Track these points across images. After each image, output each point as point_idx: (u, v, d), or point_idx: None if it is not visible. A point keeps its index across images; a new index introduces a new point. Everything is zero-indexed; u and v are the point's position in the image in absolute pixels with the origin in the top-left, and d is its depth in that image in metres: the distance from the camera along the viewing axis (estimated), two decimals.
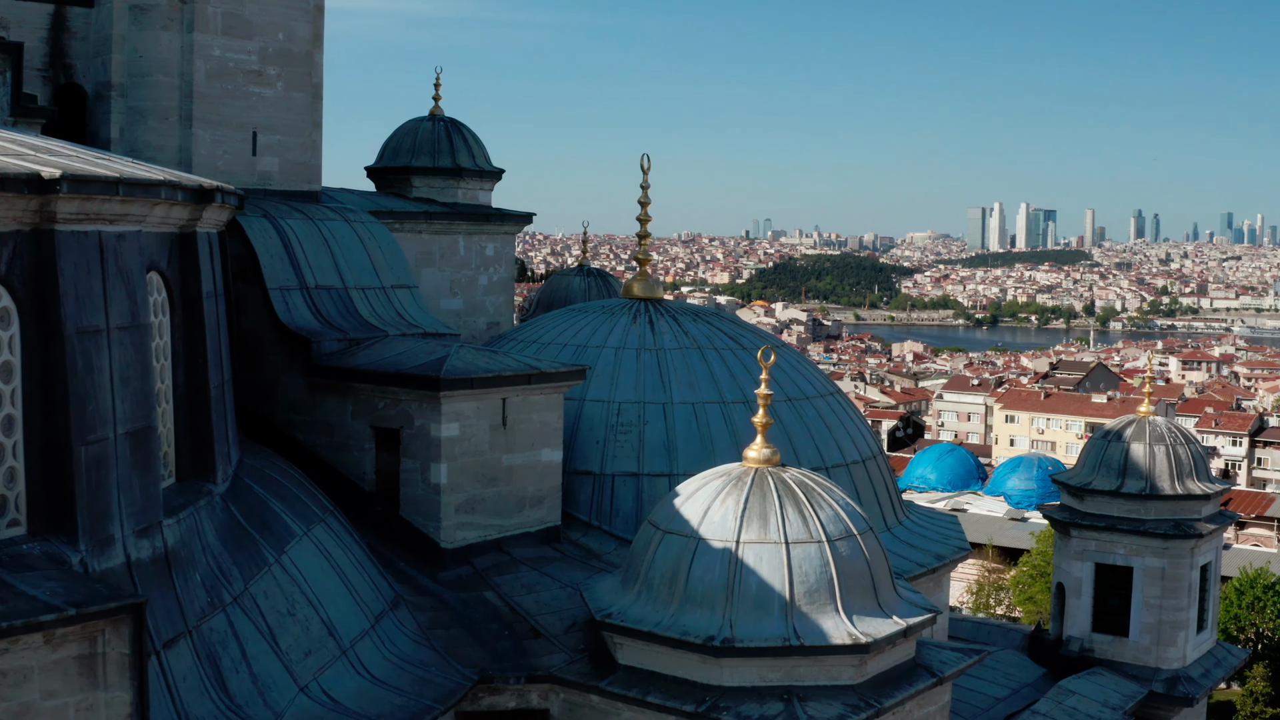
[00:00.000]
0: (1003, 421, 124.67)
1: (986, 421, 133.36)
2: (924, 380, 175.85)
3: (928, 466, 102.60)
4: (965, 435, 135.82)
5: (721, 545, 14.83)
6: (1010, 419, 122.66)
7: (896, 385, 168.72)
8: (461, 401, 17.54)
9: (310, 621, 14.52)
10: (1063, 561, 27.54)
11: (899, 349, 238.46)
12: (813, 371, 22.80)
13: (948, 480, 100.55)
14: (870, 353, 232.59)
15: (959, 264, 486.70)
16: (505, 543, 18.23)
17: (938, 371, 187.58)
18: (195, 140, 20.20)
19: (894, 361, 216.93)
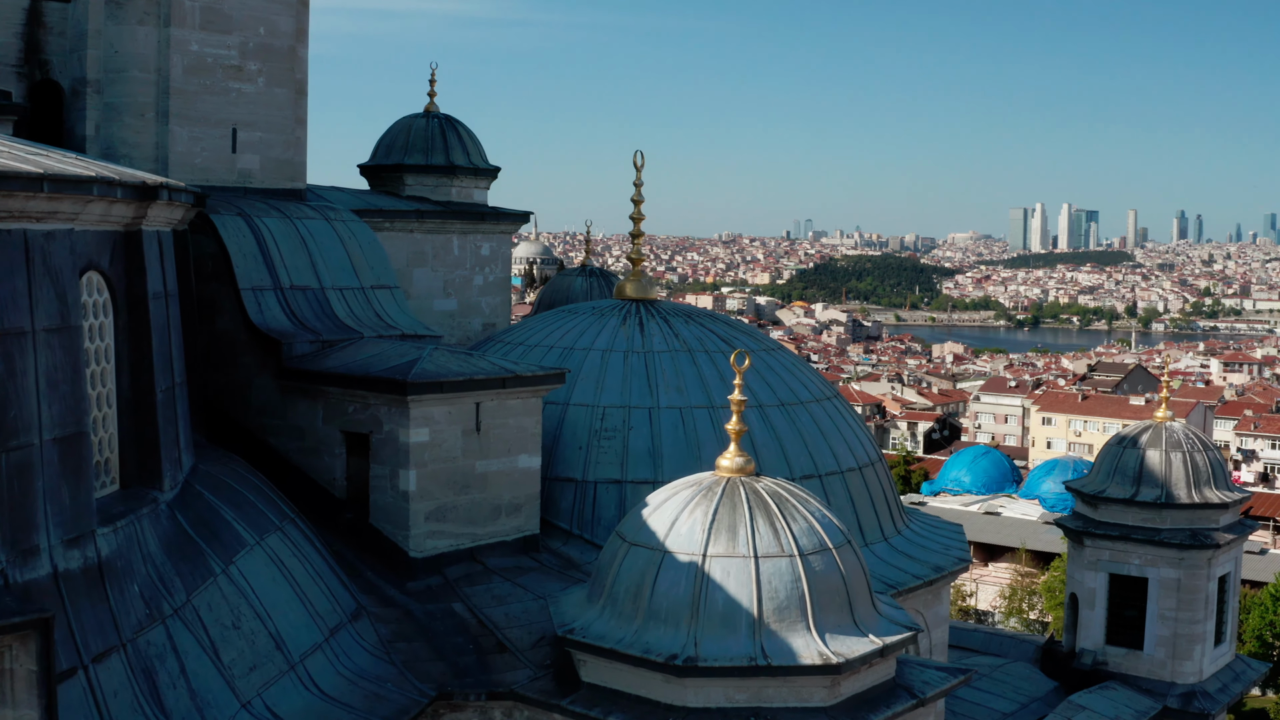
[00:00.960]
0: (1040, 424, 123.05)
1: (1024, 424, 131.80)
2: (962, 382, 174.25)
3: (962, 469, 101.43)
4: (1002, 437, 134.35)
5: (688, 559, 14.07)
6: (1047, 421, 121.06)
7: (934, 387, 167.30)
8: (431, 406, 16.87)
9: (257, 635, 13.87)
10: (1076, 571, 26.59)
11: (939, 350, 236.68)
12: (810, 375, 21.99)
13: (982, 483, 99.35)
14: (910, 354, 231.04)
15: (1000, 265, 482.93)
16: (479, 552, 17.54)
17: (976, 373, 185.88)
18: (172, 137, 19.61)
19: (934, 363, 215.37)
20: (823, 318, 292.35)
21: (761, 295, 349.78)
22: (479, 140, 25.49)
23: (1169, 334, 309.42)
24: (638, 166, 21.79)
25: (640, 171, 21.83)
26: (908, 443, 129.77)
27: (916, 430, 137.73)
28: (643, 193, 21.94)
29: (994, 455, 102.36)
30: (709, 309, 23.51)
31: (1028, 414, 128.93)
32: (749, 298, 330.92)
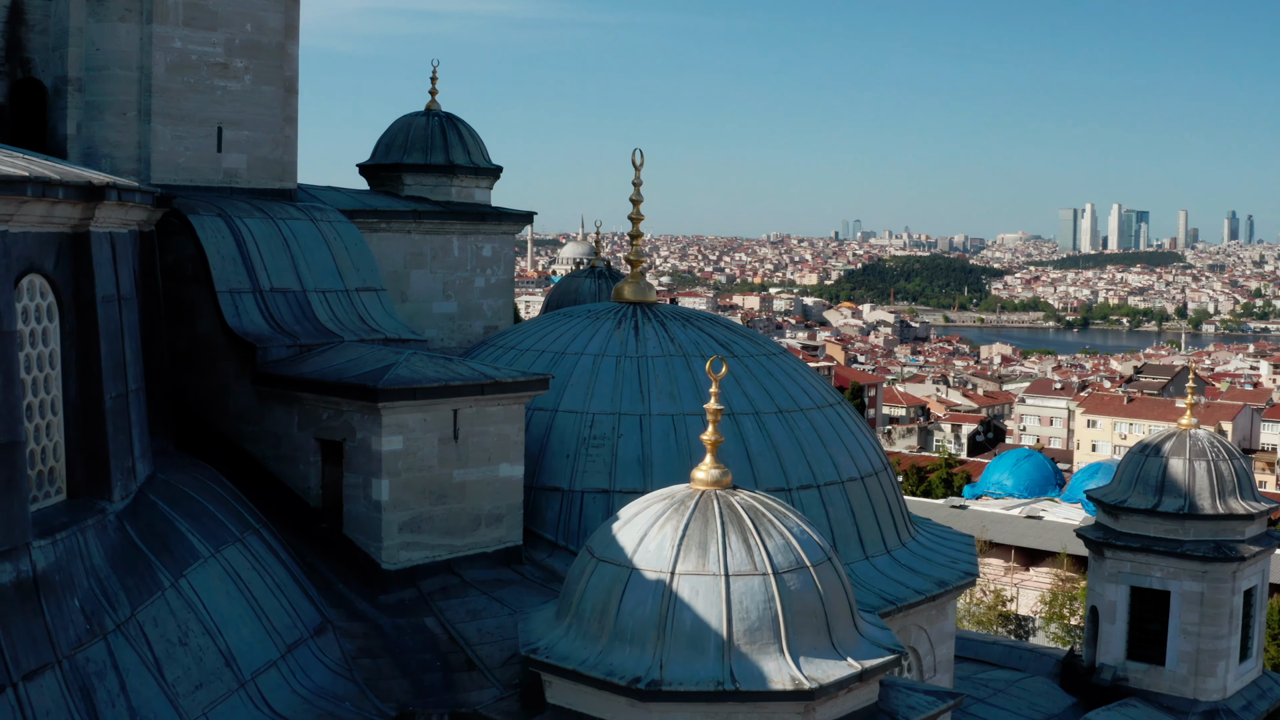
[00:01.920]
0: (1085, 426, 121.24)
1: (1069, 426, 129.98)
2: (1008, 383, 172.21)
3: (1004, 472, 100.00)
4: (1047, 440, 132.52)
5: (655, 576, 13.31)
6: (1092, 424, 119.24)
7: (980, 388, 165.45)
8: (405, 413, 16.20)
9: (205, 651, 13.26)
10: (1096, 584, 25.60)
11: (987, 351, 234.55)
12: (813, 381, 21.14)
13: (1024, 486, 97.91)
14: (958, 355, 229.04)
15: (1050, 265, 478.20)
16: (457, 564, 16.86)
17: (1024, 375, 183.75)
18: (154, 136, 19.06)
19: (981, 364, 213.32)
20: (870, 318, 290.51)
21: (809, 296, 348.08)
22: (481, 139, 24.83)
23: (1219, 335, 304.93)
24: (636, 165, 21.04)
25: (639, 170, 21.09)
26: (951, 445, 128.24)
27: (960, 432, 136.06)
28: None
29: (1037, 458, 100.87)
30: (709, 312, 22.67)
31: (1073, 416, 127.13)
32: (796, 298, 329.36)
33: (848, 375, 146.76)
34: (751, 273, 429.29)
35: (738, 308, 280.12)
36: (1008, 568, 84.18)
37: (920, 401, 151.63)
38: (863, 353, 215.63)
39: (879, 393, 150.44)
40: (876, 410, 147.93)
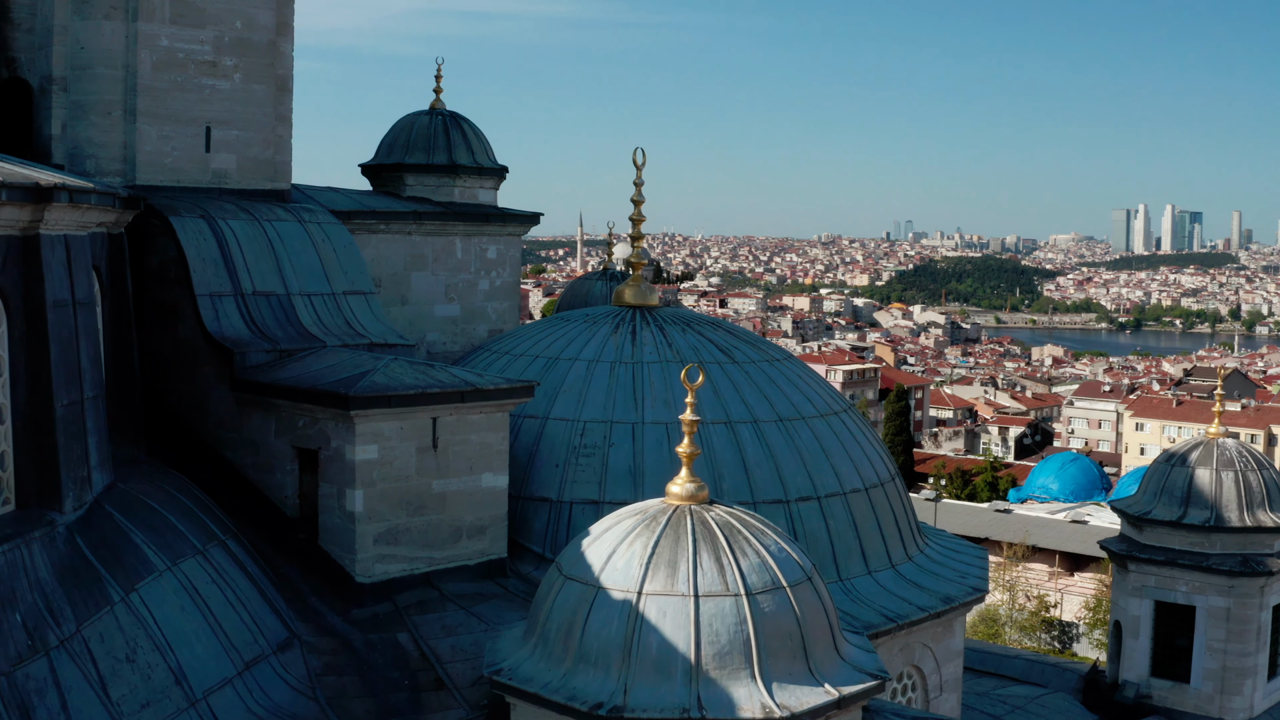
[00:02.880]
0: (1133, 429, 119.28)
1: (1117, 429, 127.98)
2: (1058, 385, 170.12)
3: (1050, 476, 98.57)
4: (1095, 443, 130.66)
5: (622, 596, 12.61)
6: (1140, 427, 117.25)
7: (1029, 391, 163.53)
8: (380, 421, 15.59)
9: (154, 668, 12.69)
10: (1120, 598, 24.64)
11: (1039, 353, 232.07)
12: (818, 388, 20.35)
13: (1070, 490, 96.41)
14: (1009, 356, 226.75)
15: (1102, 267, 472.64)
16: (437, 577, 16.23)
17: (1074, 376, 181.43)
18: (140, 136, 18.58)
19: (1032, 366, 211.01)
20: (921, 319, 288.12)
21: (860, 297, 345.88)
22: (485, 139, 24.20)
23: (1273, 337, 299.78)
24: (637, 165, 20.31)
25: (640, 170, 20.35)
26: (998, 448, 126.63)
27: (1008, 435, 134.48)
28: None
29: (1083, 462, 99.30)
30: (713, 316, 21.89)
31: (1121, 419, 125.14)
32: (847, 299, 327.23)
33: (894, 377, 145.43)
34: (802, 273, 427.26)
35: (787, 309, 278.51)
36: (1052, 573, 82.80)
37: (968, 404, 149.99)
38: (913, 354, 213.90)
39: (926, 395, 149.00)
40: (923, 412, 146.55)
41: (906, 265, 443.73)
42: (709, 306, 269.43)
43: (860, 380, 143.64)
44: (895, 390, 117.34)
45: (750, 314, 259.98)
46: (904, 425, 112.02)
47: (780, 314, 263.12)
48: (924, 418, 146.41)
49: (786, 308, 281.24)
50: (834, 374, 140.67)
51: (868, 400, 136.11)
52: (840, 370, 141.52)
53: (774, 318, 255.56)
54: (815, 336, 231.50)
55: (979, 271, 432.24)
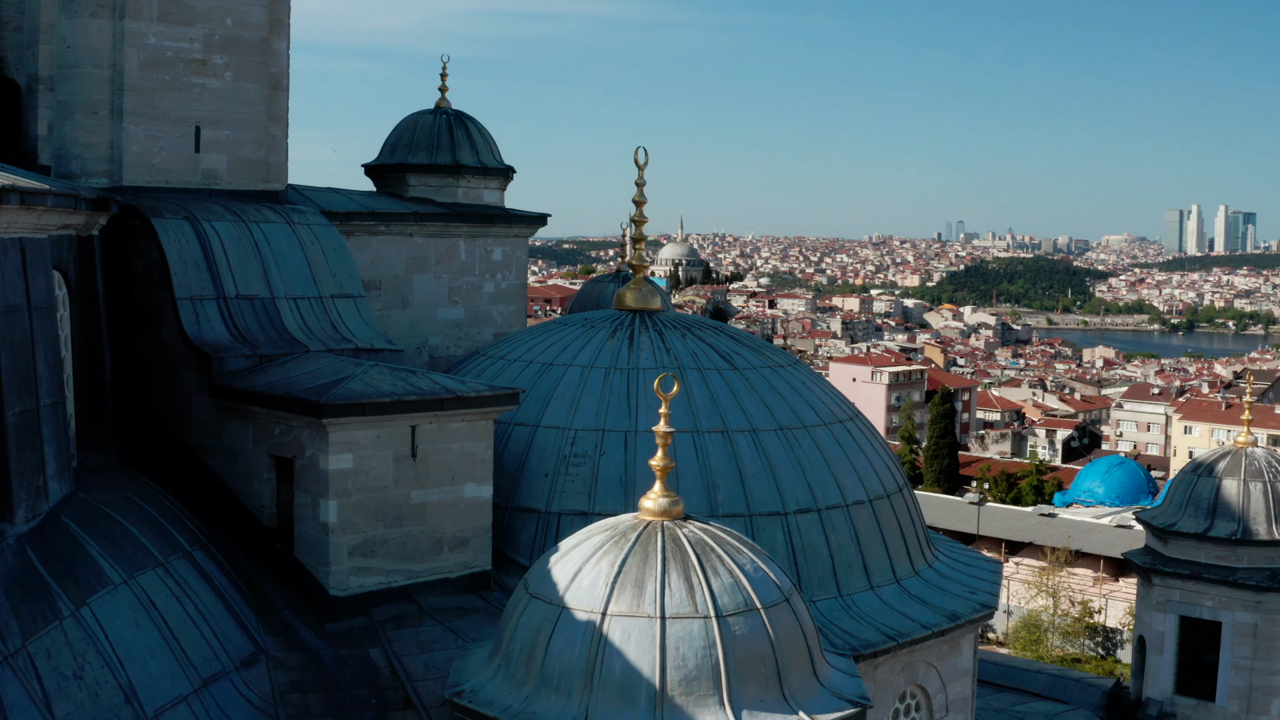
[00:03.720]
0: (1181, 433, 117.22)
1: (1166, 432, 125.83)
2: (1107, 388, 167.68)
3: (1096, 479, 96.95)
4: (1144, 446, 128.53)
5: (586, 617, 11.96)
6: (1188, 430, 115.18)
7: (1077, 393, 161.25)
8: (355, 430, 15.02)
9: (103, 686, 12.17)
10: (1144, 612, 23.74)
11: (1089, 354, 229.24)
12: (824, 395, 19.57)
13: (1116, 494, 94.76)
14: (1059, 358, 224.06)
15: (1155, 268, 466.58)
16: (416, 590, 15.64)
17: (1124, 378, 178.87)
18: (126, 136, 18.13)
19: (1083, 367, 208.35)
20: (971, 320, 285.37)
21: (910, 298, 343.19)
22: (491, 138, 23.58)
23: None
24: (639, 164, 19.59)
25: (642, 170, 19.63)
26: (1044, 450, 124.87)
27: (1055, 438, 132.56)
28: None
29: (1129, 466, 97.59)
30: (716, 321, 21.13)
31: (1170, 422, 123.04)
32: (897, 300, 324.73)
33: (941, 379, 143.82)
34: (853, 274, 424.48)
35: (837, 309, 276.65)
36: (1096, 578, 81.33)
37: (1015, 406, 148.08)
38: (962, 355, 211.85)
39: (973, 397, 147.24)
40: (970, 415, 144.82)
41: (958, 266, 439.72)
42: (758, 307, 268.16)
43: (907, 382, 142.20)
44: (940, 392, 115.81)
45: (799, 315, 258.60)
46: (949, 428, 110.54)
47: (829, 315, 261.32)
48: (971, 420, 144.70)
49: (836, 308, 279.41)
50: (880, 375, 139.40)
51: (913, 402, 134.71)
52: (886, 372, 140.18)
53: (823, 318, 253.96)
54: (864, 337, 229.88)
55: (1030, 272, 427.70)
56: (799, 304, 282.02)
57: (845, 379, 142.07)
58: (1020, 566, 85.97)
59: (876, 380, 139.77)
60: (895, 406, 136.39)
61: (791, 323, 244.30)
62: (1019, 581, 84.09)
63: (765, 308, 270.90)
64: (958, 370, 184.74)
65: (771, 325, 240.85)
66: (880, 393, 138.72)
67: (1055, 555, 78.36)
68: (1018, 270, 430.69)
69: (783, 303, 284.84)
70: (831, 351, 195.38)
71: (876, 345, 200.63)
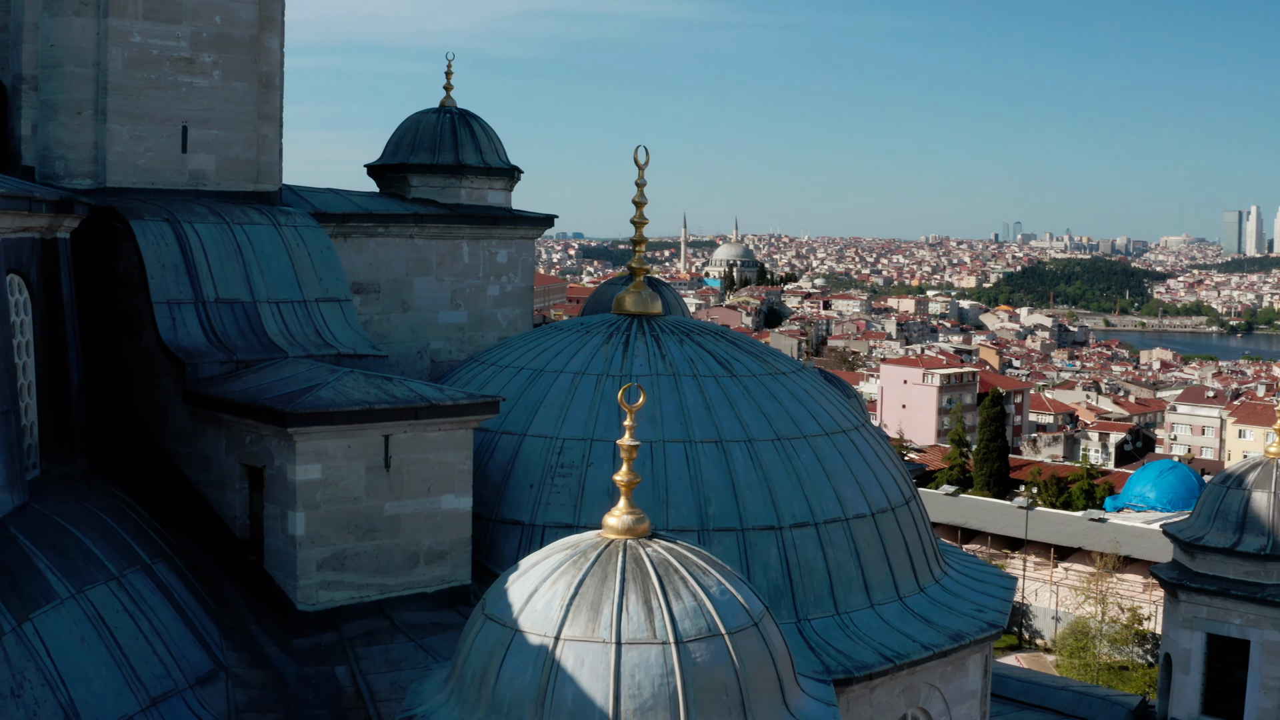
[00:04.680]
0: (1236, 437, 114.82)
1: (1220, 436, 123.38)
2: (1163, 390, 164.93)
3: (1147, 484, 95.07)
4: (1198, 450, 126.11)
5: (539, 641, 11.28)
6: (1242, 434, 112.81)
7: (1132, 395, 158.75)
8: (324, 439, 14.42)
9: (42, 704, 11.63)
10: (1170, 629, 22.72)
11: (1146, 356, 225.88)
12: (830, 403, 18.74)
13: (1167, 499, 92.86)
14: (1116, 360, 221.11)
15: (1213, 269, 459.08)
16: (389, 605, 15.02)
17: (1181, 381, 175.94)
18: (110, 136, 17.68)
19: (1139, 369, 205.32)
20: (1028, 322, 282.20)
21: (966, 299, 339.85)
22: (496, 138, 22.94)
23: None
24: (639, 164, 18.86)
25: (643, 170, 18.89)
26: (1096, 454, 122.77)
27: (1108, 441, 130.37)
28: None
29: (1181, 470, 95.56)
30: (718, 325, 20.38)
31: (1225, 426, 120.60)
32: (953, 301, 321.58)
33: (993, 381, 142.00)
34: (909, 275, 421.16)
35: (892, 310, 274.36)
36: (1146, 584, 79.53)
37: (1069, 409, 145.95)
38: (1018, 357, 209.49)
39: (1025, 399, 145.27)
40: (1023, 417, 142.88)
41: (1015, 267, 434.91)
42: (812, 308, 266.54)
43: (958, 384, 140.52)
44: (991, 395, 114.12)
45: (854, 316, 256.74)
46: (999, 431, 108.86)
47: (884, 316, 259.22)
48: (1023, 423, 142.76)
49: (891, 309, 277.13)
50: (931, 378, 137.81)
51: (965, 405, 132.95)
52: (937, 374, 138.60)
53: (878, 320, 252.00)
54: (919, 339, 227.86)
55: (1088, 274, 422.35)
56: (854, 305, 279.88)
57: (896, 381, 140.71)
58: (1069, 572, 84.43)
59: (928, 383, 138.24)
60: (946, 409, 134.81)
61: (846, 324, 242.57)
62: (1067, 587, 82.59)
63: (819, 309, 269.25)
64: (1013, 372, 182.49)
65: (826, 326, 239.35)
66: (931, 395, 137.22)
67: (1103, 561, 76.77)
68: (1075, 271, 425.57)
69: (837, 304, 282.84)
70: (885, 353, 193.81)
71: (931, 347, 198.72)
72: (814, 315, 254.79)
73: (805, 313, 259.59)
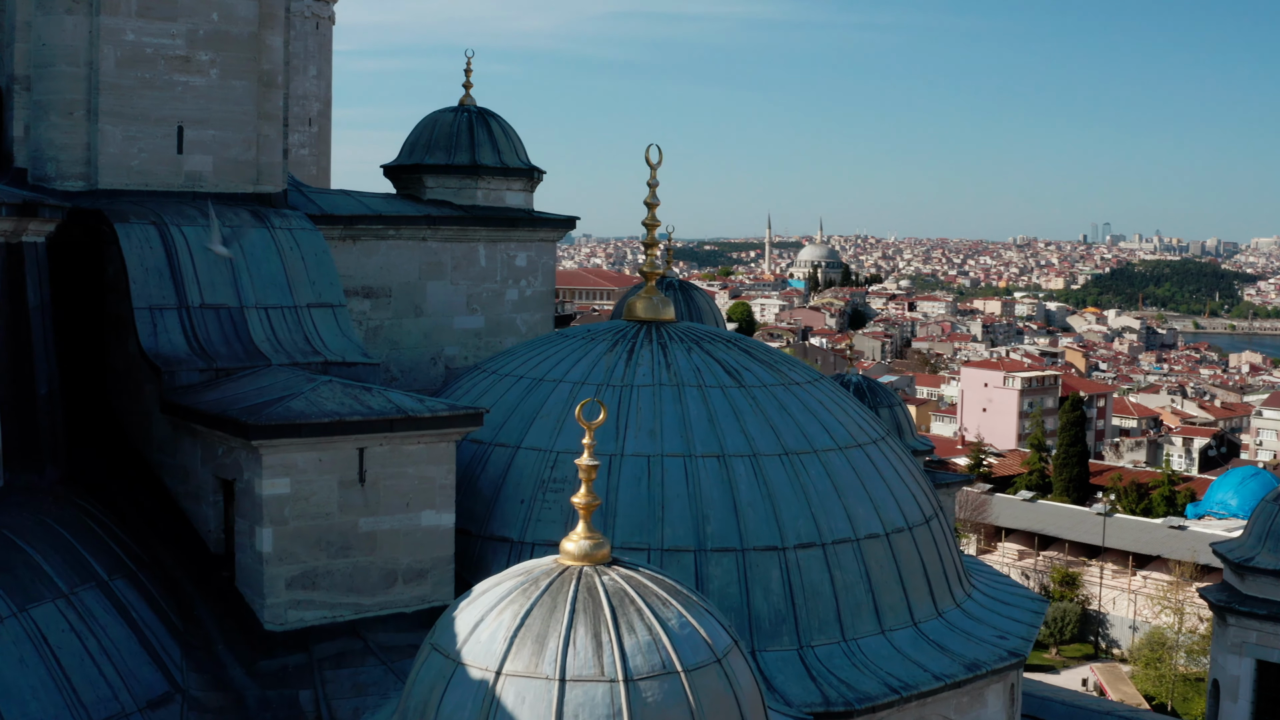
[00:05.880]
0: None
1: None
2: (1250, 394, 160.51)
3: (1229, 491, 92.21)
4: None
5: (480, 675, 10.40)
6: None
7: (1218, 400, 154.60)
8: (292, 452, 13.68)
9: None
10: (1219, 654, 21.32)
11: (1235, 359, 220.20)
12: (843, 415, 17.65)
13: (1249, 507, 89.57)
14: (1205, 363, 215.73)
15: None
16: (364, 626, 14.25)
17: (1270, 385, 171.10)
18: (102, 137, 17.10)
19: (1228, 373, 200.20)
20: (1115, 324, 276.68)
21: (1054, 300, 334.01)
22: (515, 137, 22.10)
23: None
24: (651, 164, 17.92)
25: (655, 169, 17.94)
26: (1180, 459, 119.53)
27: (1192, 446, 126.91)
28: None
29: (1264, 477, 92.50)
30: (733, 333, 19.36)
31: None
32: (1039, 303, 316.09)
33: (1075, 385, 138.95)
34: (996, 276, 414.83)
35: (978, 312, 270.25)
36: None
37: (1153, 413, 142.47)
38: (1105, 360, 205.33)
39: (1108, 403, 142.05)
40: (1106, 422, 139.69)
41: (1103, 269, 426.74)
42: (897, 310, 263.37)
43: (1040, 388, 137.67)
44: (1071, 399, 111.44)
45: (939, 318, 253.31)
46: (1079, 436, 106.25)
47: (970, 318, 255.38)
48: (1106, 427, 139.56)
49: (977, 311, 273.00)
50: (1012, 380, 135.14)
51: (1046, 409, 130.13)
52: (1019, 377, 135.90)
53: (963, 321, 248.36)
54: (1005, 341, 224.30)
55: (1177, 275, 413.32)
56: (939, 307, 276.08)
57: (977, 384, 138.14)
58: (1148, 581, 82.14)
59: (1009, 386, 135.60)
60: (1027, 413, 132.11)
61: (930, 325, 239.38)
62: (1145, 596, 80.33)
63: (904, 310, 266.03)
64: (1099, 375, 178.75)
65: (910, 328, 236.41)
66: (1012, 398, 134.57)
67: (1181, 570, 74.46)
68: (1164, 273, 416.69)
69: (922, 305, 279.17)
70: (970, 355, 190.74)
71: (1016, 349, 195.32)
72: (899, 317, 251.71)
73: (890, 314, 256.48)
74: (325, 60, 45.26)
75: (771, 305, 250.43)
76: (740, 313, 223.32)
